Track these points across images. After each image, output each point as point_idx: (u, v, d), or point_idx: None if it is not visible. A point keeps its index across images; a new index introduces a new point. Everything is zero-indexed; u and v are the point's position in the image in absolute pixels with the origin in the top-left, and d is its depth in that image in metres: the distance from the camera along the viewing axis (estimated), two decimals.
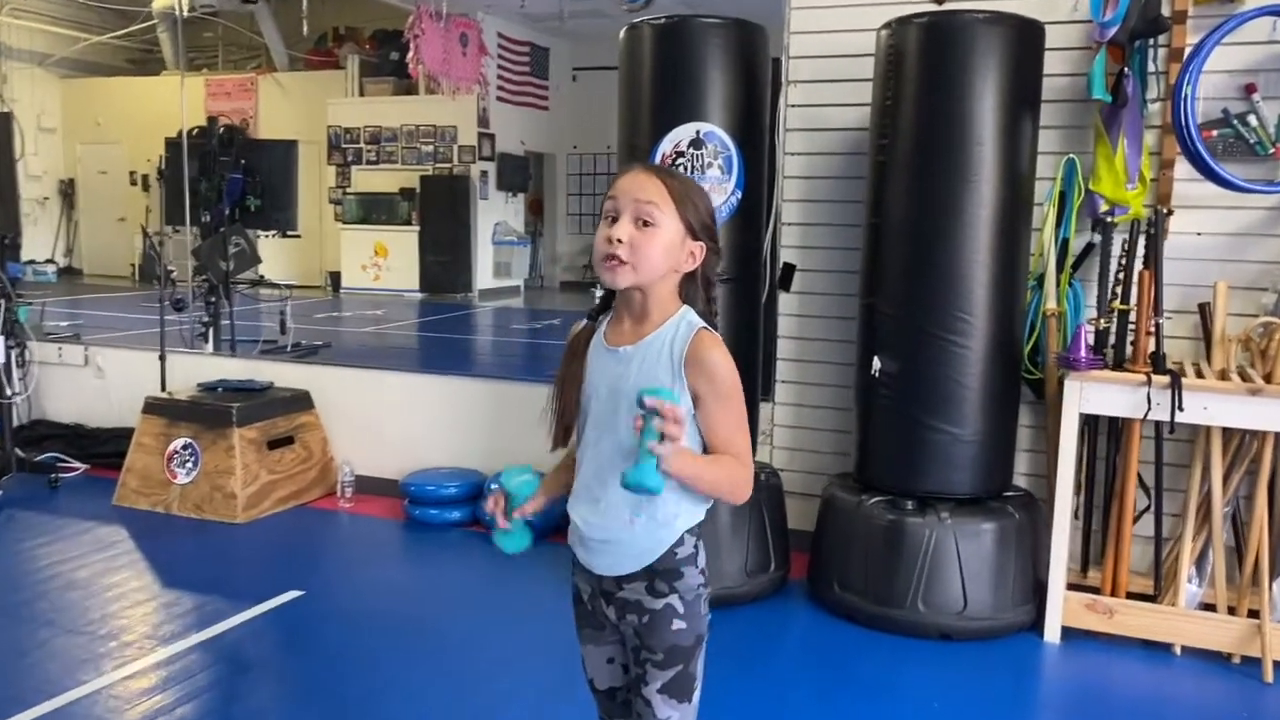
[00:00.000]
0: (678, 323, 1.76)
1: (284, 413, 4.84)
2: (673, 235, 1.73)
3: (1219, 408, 3.19)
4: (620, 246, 1.70)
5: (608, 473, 1.79)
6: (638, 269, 1.72)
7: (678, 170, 1.79)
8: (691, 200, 1.75)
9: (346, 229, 14.38)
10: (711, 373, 1.70)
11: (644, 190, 1.72)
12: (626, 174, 1.76)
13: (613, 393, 1.78)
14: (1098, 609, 3.39)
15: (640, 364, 1.75)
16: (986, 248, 3.39)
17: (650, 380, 1.73)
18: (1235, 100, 3.56)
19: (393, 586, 3.86)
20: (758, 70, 3.68)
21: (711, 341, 1.72)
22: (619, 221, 1.72)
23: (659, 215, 1.71)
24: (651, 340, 1.76)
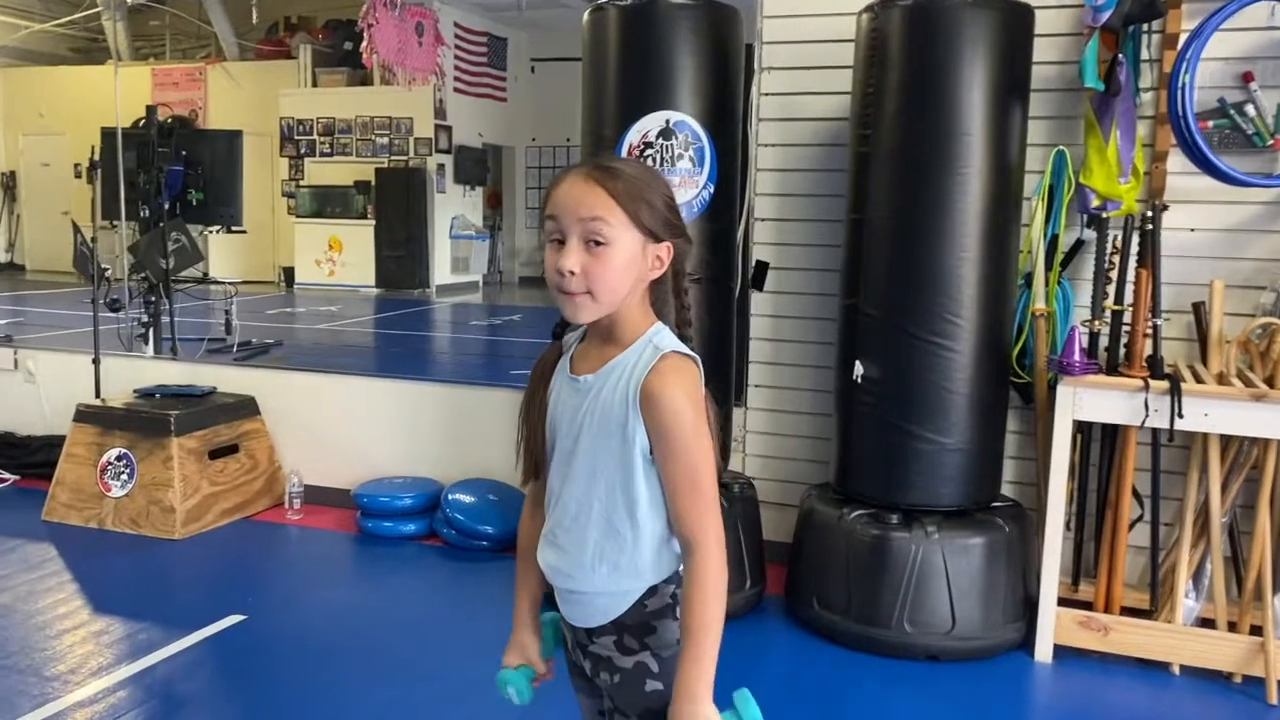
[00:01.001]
0: (643, 346, 1.52)
1: (227, 420, 4.55)
2: (630, 249, 1.48)
3: (1220, 414, 3.02)
4: (573, 279, 1.46)
5: (570, 519, 1.57)
6: (599, 298, 1.48)
7: (619, 162, 1.53)
8: (643, 199, 1.48)
9: (300, 223, 14.00)
10: (661, 418, 1.46)
11: (586, 204, 1.46)
12: (563, 184, 1.50)
13: (571, 427, 1.56)
14: (1092, 626, 3.21)
15: (598, 395, 1.53)
16: (975, 245, 3.19)
17: (605, 415, 1.51)
18: (1231, 89, 3.40)
19: (343, 609, 3.60)
20: (731, 56, 3.46)
21: (673, 375, 1.47)
22: (566, 247, 1.47)
23: (610, 231, 1.46)
24: (612, 367, 1.53)
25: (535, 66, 15.18)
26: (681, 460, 1.49)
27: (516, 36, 14.96)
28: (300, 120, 14.26)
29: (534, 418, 1.64)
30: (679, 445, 1.48)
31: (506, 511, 4.18)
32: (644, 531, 1.54)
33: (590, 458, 1.54)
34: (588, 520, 1.56)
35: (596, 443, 1.53)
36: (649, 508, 1.53)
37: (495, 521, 4.13)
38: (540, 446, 1.64)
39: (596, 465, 1.54)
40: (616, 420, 1.50)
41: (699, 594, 1.48)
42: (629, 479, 1.52)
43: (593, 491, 1.55)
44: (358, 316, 11.70)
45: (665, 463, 1.49)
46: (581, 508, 1.56)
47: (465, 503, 4.19)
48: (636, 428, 1.49)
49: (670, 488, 1.51)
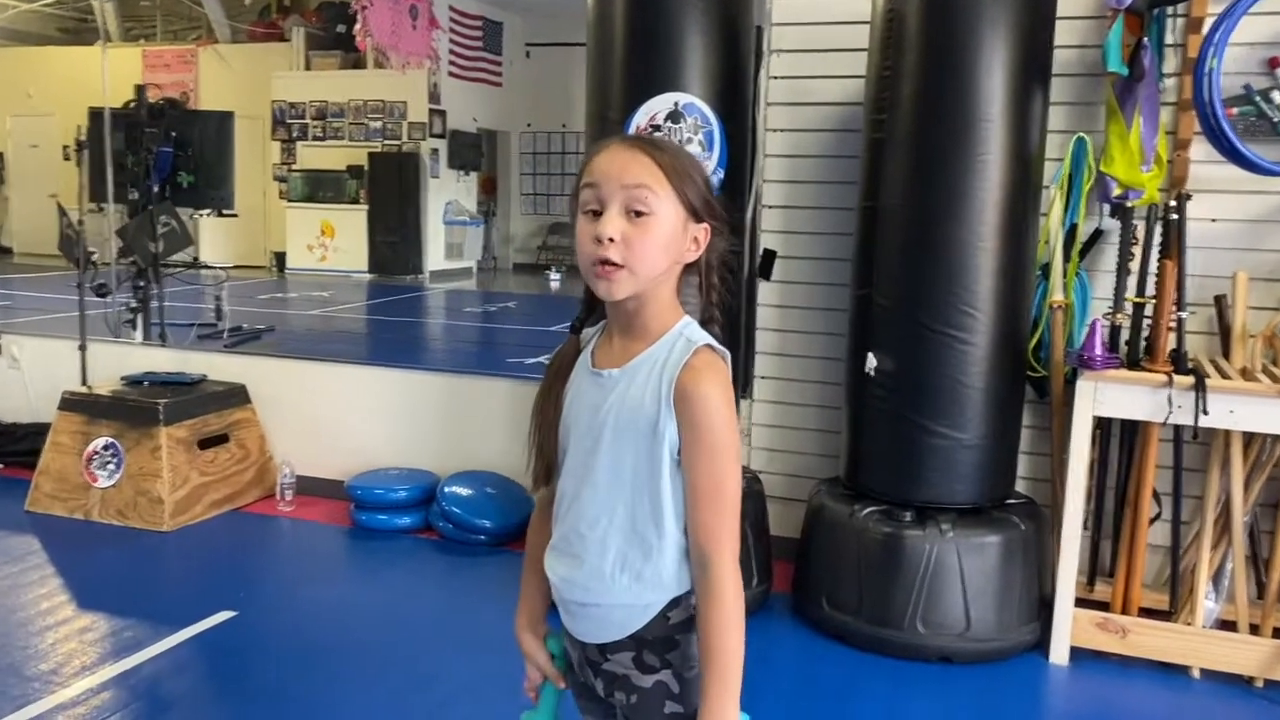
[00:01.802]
0: (674, 339, 1.42)
1: (217, 409, 4.43)
2: (673, 223, 1.39)
3: (1246, 411, 2.92)
4: (613, 247, 1.36)
5: (587, 525, 1.46)
6: (637, 272, 1.37)
7: (664, 138, 1.41)
8: (689, 174, 1.40)
9: (292, 207, 13.86)
10: (696, 416, 1.36)
11: (632, 172, 1.36)
12: (605, 151, 1.40)
13: (591, 426, 1.45)
14: (1110, 628, 3.12)
15: (625, 391, 1.42)
16: (993, 234, 3.08)
17: (633, 411, 1.40)
18: (1257, 75, 3.29)
19: (337, 605, 3.49)
20: (741, 36, 3.34)
21: (709, 370, 1.38)
22: (606, 215, 1.36)
23: (654, 201, 1.36)
24: (641, 361, 1.42)
25: (530, 51, 15.04)
26: (710, 465, 1.38)
27: (512, 20, 14.80)
28: (293, 104, 14.11)
29: (549, 416, 1.53)
30: (710, 448, 1.38)
31: (504, 504, 4.07)
32: (670, 539, 1.43)
33: (614, 457, 1.43)
34: (609, 526, 1.45)
35: (622, 441, 1.42)
36: (675, 513, 1.43)
37: (493, 515, 4.02)
38: (554, 448, 1.53)
39: (621, 466, 1.43)
40: (647, 417, 1.40)
41: (719, 614, 1.38)
42: (656, 481, 1.41)
43: (616, 494, 1.44)
44: (350, 302, 11.58)
45: (692, 465, 1.39)
46: (602, 512, 1.45)
47: (462, 495, 4.08)
48: (668, 425, 1.38)
49: (692, 493, 1.40)
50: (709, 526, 1.40)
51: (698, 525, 1.40)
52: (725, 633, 1.38)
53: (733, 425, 1.40)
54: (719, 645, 1.38)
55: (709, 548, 1.39)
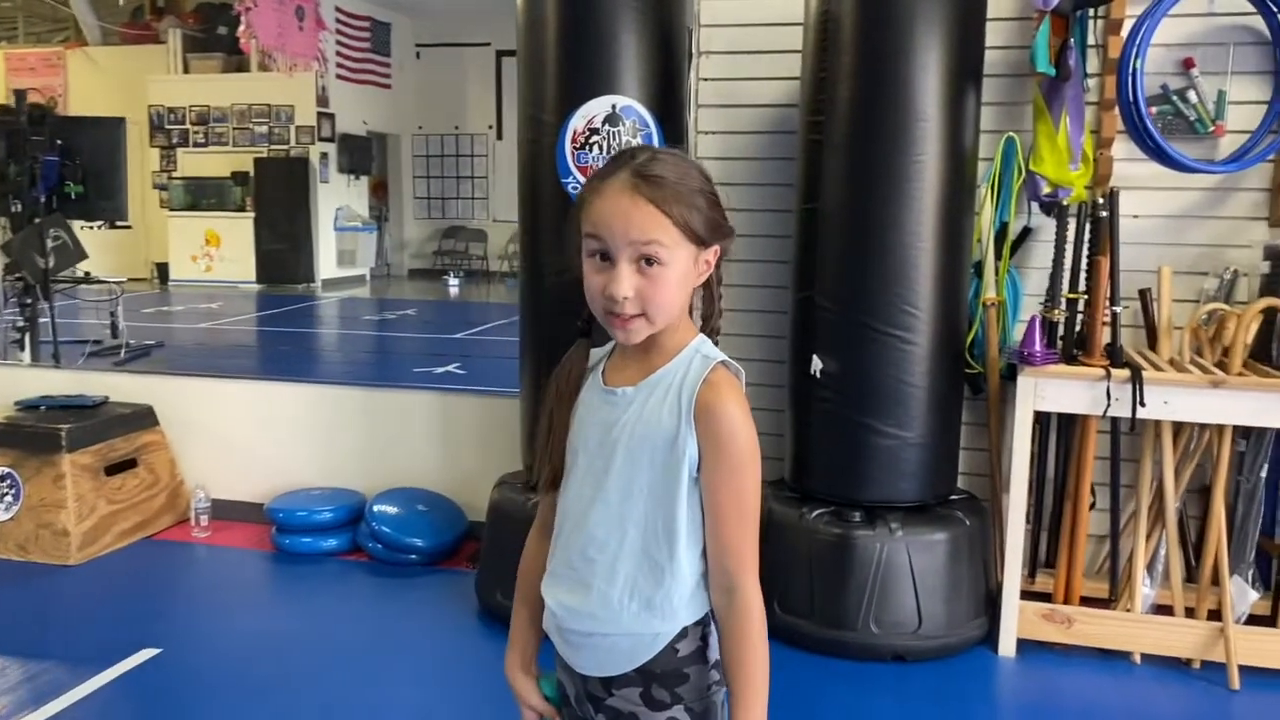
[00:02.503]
0: (690, 356, 1.38)
1: (123, 432, 4.19)
2: (685, 265, 1.34)
3: (1180, 401, 3.00)
4: (628, 304, 1.32)
5: (596, 548, 1.40)
6: (654, 319, 1.34)
7: (658, 162, 1.36)
8: (693, 206, 1.33)
9: (174, 216, 13.31)
10: (719, 433, 1.33)
11: (637, 226, 1.30)
12: (602, 198, 1.32)
13: (604, 444, 1.40)
14: (1055, 619, 3.17)
15: (641, 408, 1.37)
16: (933, 234, 3.11)
17: (650, 428, 1.36)
18: (1173, 75, 3.39)
19: (268, 636, 3.31)
20: (675, 36, 3.29)
21: (728, 388, 1.35)
22: (617, 270, 1.31)
23: (665, 252, 1.31)
24: (659, 378, 1.38)
25: (420, 52, 14.77)
26: (734, 484, 1.35)
27: (400, 21, 14.52)
28: (171, 109, 13.56)
29: (558, 425, 1.46)
30: (734, 465, 1.34)
31: (436, 522, 3.95)
32: (681, 563, 1.38)
33: (627, 478, 1.38)
34: (619, 550, 1.39)
35: (636, 459, 1.37)
36: (689, 535, 1.37)
37: (425, 533, 3.89)
38: (562, 456, 1.47)
39: (634, 486, 1.37)
40: (665, 434, 1.35)
41: (746, 635, 1.34)
42: (672, 502, 1.36)
43: (627, 516, 1.38)
44: (241, 314, 11.17)
45: (715, 485, 1.35)
46: (611, 534, 1.39)
47: (391, 514, 3.94)
48: (688, 443, 1.34)
49: (714, 514, 1.36)
50: (733, 545, 1.35)
51: (721, 544, 1.36)
52: (754, 653, 1.34)
53: (754, 441, 1.36)
54: (749, 667, 1.34)
55: (733, 567, 1.35)
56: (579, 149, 3.12)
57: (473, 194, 15.25)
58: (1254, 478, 3.22)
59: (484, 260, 14.92)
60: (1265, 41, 3.30)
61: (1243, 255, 3.39)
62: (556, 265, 3.20)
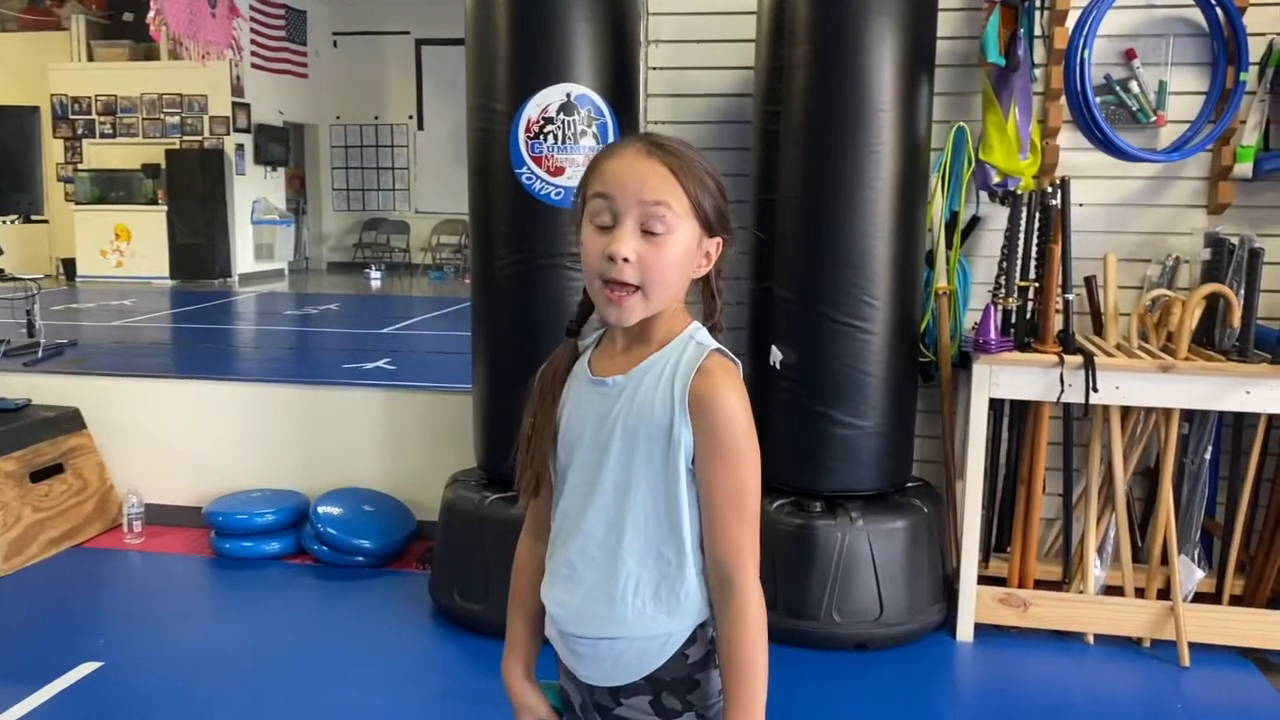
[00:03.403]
0: (684, 343, 1.34)
1: (49, 436, 4.00)
2: (688, 242, 1.30)
3: (1131, 387, 3.06)
4: (626, 268, 1.26)
5: (595, 545, 1.35)
6: (651, 295, 1.29)
7: (672, 140, 1.32)
8: (706, 185, 1.31)
9: (81, 210, 12.79)
10: (715, 423, 1.29)
11: (650, 186, 1.27)
12: (619, 157, 1.30)
13: (598, 437, 1.35)
14: (1012, 603, 3.22)
15: (632, 397, 1.33)
16: (888, 223, 3.11)
17: (643, 416, 1.31)
18: (1115, 66, 3.45)
19: (214, 645, 3.18)
20: (630, 23, 3.24)
21: (724, 375, 1.31)
22: (619, 231, 1.27)
23: (672, 219, 1.28)
24: (649, 365, 1.33)
25: (338, 41, 14.43)
26: (731, 475, 1.30)
27: (316, 9, 14.15)
28: (75, 98, 13.01)
29: (542, 425, 1.41)
30: (730, 456, 1.30)
31: (384, 522, 3.86)
32: (689, 556, 1.34)
33: (623, 470, 1.33)
34: (618, 545, 1.34)
35: (632, 450, 1.32)
36: (692, 527, 1.34)
37: (372, 534, 3.80)
38: (546, 459, 1.42)
39: (631, 478, 1.33)
40: (658, 424, 1.30)
41: (744, 635, 1.30)
42: (672, 492, 1.32)
43: (626, 509, 1.34)
44: (155, 311, 10.78)
45: (710, 477, 1.30)
46: (610, 530, 1.35)
47: (336, 515, 3.83)
48: (682, 431, 1.30)
49: (710, 506, 1.31)
50: (729, 540, 1.31)
51: (717, 539, 1.32)
52: (752, 653, 1.30)
53: (752, 431, 1.32)
54: (747, 667, 1.30)
55: (730, 562, 1.31)
56: (533, 138, 3.06)
57: (394, 185, 14.97)
58: (1198, 459, 3.31)
59: (406, 253, 14.65)
60: (1203, 34, 3.37)
61: (1183, 242, 3.48)
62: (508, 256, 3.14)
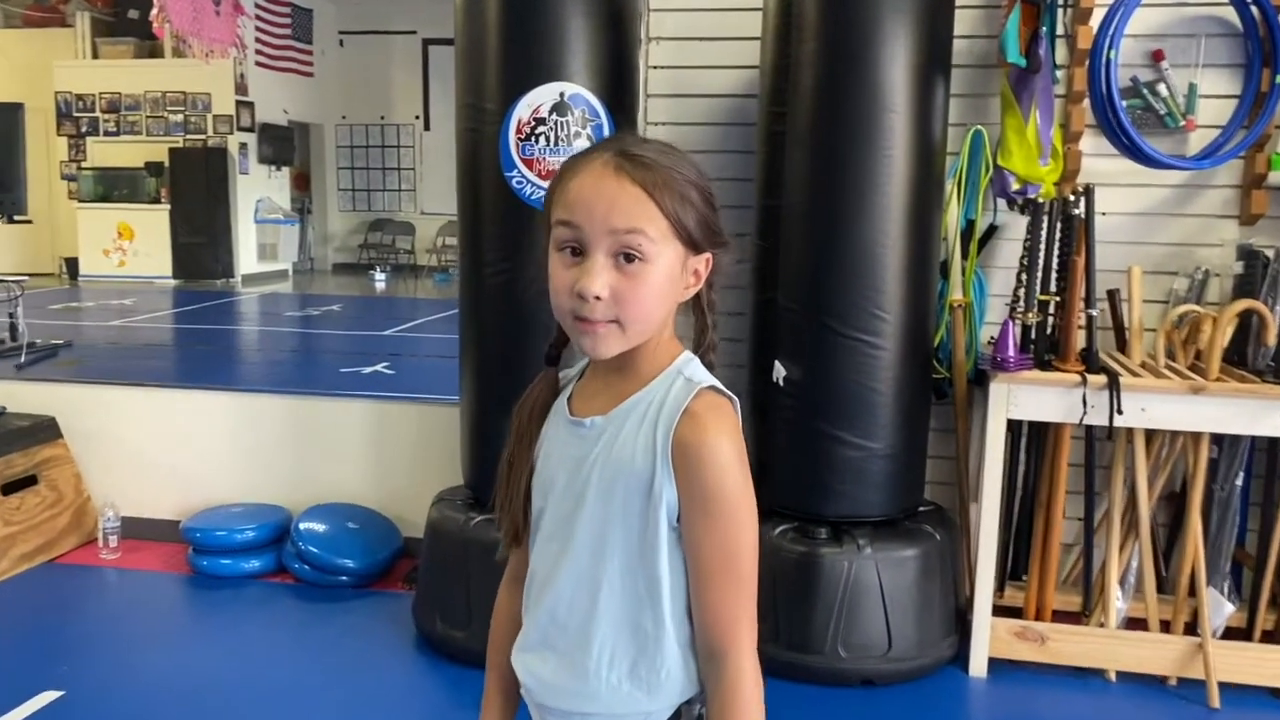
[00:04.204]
0: (670, 379, 1.17)
1: (22, 446, 3.84)
2: (670, 267, 1.13)
3: (1158, 409, 2.87)
4: (600, 305, 1.10)
5: (565, 609, 1.19)
6: (628, 328, 1.12)
7: (646, 145, 1.12)
8: (687, 199, 1.13)
9: (84, 208, 12.67)
10: (702, 475, 1.11)
11: (621, 210, 1.09)
12: (583, 175, 1.12)
13: (571, 486, 1.18)
14: (1029, 637, 3.03)
15: (611, 442, 1.16)
16: (900, 232, 2.93)
17: (622, 466, 1.14)
18: (1142, 68, 3.26)
19: (185, 672, 3.02)
20: (628, 20, 3.06)
21: (714, 418, 1.13)
22: (590, 264, 1.10)
23: (649, 246, 1.10)
24: (631, 406, 1.17)
25: (344, 40, 14.30)
26: (720, 533, 1.13)
27: (323, 8, 14.02)
28: (80, 95, 12.90)
29: (520, 466, 1.25)
30: (720, 513, 1.13)
31: (369, 540, 3.69)
32: (670, 628, 1.17)
33: (598, 525, 1.16)
34: (592, 610, 1.17)
35: (608, 504, 1.16)
36: (675, 594, 1.16)
37: (356, 553, 3.62)
38: (524, 506, 1.25)
39: (607, 535, 1.16)
40: (638, 474, 1.14)
41: (736, 716, 1.13)
42: (653, 553, 1.15)
43: (601, 572, 1.17)
44: (156, 311, 10.65)
45: (697, 538, 1.13)
46: (583, 593, 1.18)
47: (319, 532, 3.66)
48: (665, 485, 1.13)
49: (698, 570, 1.15)
50: (720, 611, 1.14)
51: (706, 609, 1.14)
52: None
53: (746, 484, 1.14)
54: None
55: (721, 636, 1.14)
56: (524, 140, 2.88)
57: (399, 186, 14.83)
58: (1229, 486, 3.12)
59: (411, 254, 14.50)
60: (1237, 33, 3.19)
61: (1213, 254, 3.28)
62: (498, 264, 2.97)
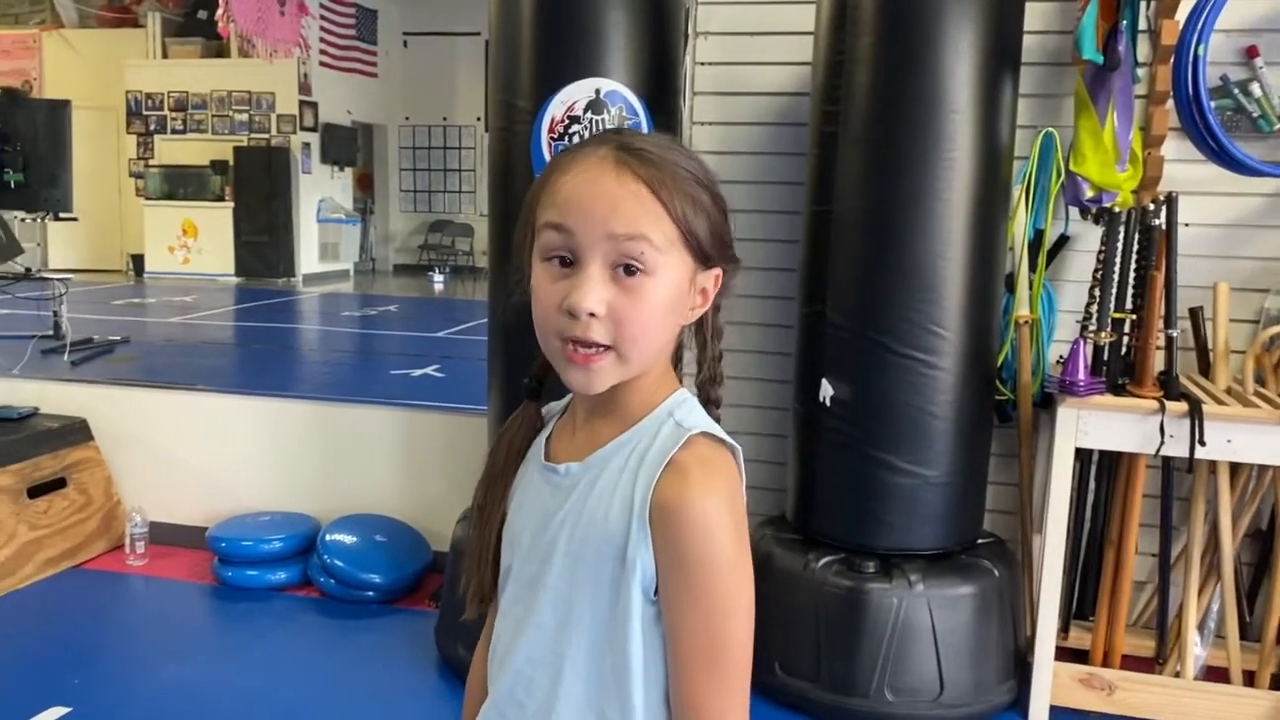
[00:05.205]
0: (659, 421, 0.98)
1: (51, 448, 3.77)
2: (678, 282, 0.95)
3: (1245, 440, 2.60)
4: (594, 324, 0.91)
5: (524, 688, 1.00)
6: (628, 356, 0.93)
7: (648, 139, 0.91)
8: (698, 201, 0.95)
9: (150, 205, 12.84)
10: (684, 542, 0.93)
11: (623, 213, 0.91)
12: (577, 170, 0.93)
13: (537, 544, 1.00)
14: (1095, 684, 2.78)
15: (585, 494, 0.97)
16: (962, 243, 2.70)
17: (594, 527, 0.96)
18: (1234, 66, 3.00)
19: (199, 691, 2.90)
20: (670, 14, 2.88)
21: (704, 473, 0.94)
22: (582, 274, 0.91)
23: (653, 255, 0.92)
24: (611, 451, 0.98)
25: (408, 41, 14.31)
26: (703, 614, 0.94)
27: (387, 9, 14.05)
28: (149, 94, 13.07)
29: (490, 515, 1.07)
30: (704, 589, 0.94)
31: (396, 555, 3.54)
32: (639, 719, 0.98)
33: (564, 594, 0.98)
34: (553, 692, 0.99)
35: (575, 570, 0.98)
36: (647, 681, 0.97)
37: (382, 568, 3.48)
38: (493, 561, 1.07)
39: (573, 606, 0.98)
40: (611, 536, 0.95)
41: None
42: (622, 632, 0.96)
43: (564, 647, 0.99)
44: (216, 308, 10.72)
45: (675, 615, 0.94)
46: (541, 671, 1.00)
47: (345, 545, 3.53)
48: (640, 550, 0.94)
49: (676, 655, 0.95)
50: (701, 705, 0.95)
51: (684, 701, 0.95)
52: None
53: (741, 555, 0.95)
54: None
55: None
56: (557, 139, 2.71)
57: (460, 187, 14.81)
58: None
59: (470, 256, 14.48)
60: None
61: None
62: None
